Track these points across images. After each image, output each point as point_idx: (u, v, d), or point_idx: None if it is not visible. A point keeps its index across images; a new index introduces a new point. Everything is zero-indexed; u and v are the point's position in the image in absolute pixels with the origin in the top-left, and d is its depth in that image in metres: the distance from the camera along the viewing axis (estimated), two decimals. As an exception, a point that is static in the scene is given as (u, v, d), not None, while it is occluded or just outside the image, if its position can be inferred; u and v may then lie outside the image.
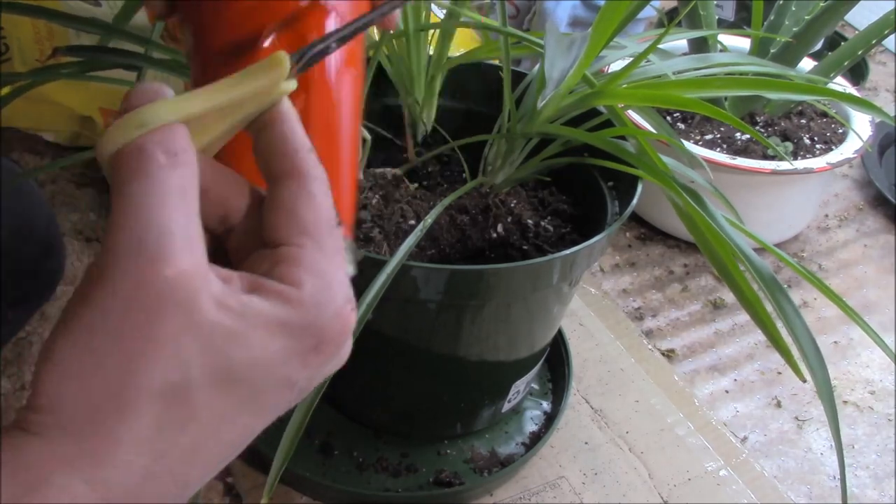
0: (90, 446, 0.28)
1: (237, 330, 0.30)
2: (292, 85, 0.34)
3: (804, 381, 0.54)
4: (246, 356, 0.30)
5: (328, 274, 0.32)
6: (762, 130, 1.01)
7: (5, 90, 0.60)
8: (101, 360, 0.28)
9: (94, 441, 0.28)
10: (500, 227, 0.65)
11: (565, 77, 0.42)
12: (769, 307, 0.54)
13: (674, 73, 0.60)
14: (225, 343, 0.29)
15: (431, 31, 0.66)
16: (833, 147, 0.98)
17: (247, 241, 0.34)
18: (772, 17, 0.99)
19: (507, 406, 0.73)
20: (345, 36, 0.36)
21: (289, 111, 0.34)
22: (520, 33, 0.63)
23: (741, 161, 0.91)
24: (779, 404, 0.84)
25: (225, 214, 0.35)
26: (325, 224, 0.33)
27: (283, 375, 0.31)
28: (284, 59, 0.33)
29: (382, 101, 0.72)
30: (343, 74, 0.41)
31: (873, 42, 0.93)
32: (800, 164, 0.93)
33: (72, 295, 0.29)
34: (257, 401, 0.31)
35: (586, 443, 0.76)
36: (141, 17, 0.88)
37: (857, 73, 1.32)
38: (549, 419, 0.76)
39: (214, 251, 0.35)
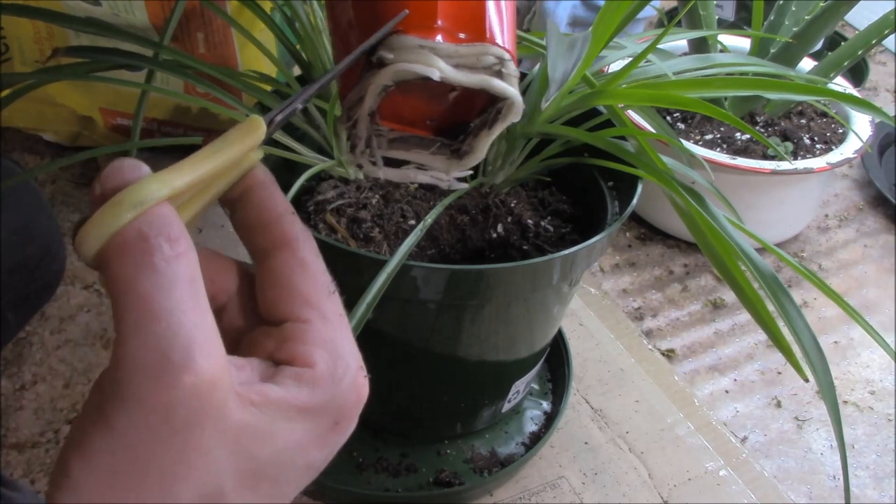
0: None
1: (261, 427, 0.29)
2: (260, 154, 0.32)
3: (806, 380, 0.54)
4: (271, 451, 0.29)
5: (337, 345, 0.31)
6: (762, 130, 1.01)
7: (5, 91, 0.60)
8: (127, 485, 0.26)
9: None
10: (500, 227, 0.65)
11: (568, 78, 0.42)
12: (770, 307, 0.54)
13: (674, 73, 0.60)
14: (252, 443, 0.28)
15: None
16: (833, 147, 0.98)
17: (242, 318, 0.33)
18: (772, 17, 0.99)
19: (507, 406, 0.73)
20: (310, 95, 0.34)
21: (263, 178, 0.33)
22: (520, 33, 0.63)
23: (741, 161, 0.91)
24: (779, 404, 0.84)
25: (213, 294, 0.33)
26: (324, 291, 0.32)
27: (305, 462, 0.31)
28: (261, 122, 0.31)
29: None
30: None
31: (873, 42, 0.93)
32: (800, 164, 0.93)
33: (82, 410, 0.28)
34: (282, 490, 0.30)
35: (586, 443, 0.76)
36: (141, 17, 0.88)
37: (857, 73, 1.32)
38: (549, 419, 0.76)
39: None
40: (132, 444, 0.26)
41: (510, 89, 0.38)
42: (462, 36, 0.38)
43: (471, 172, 0.43)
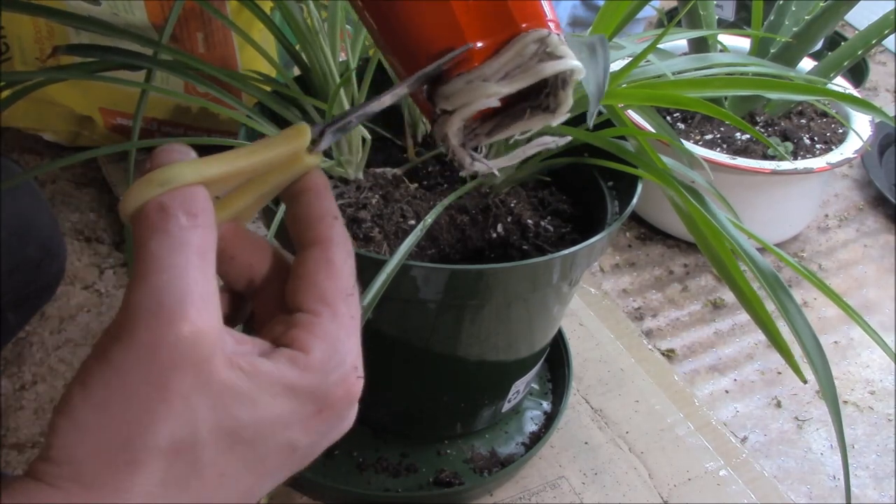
0: (100, 498, 0.29)
1: (246, 390, 0.30)
2: (315, 160, 0.35)
3: (805, 381, 0.54)
4: (252, 416, 0.31)
5: (338, 341, 0.33)
6: (762, 130, 1.01)
7: (6, 91, 0.60)
8: (115, 416, 0.29)
9: (105, 493, 0.29)
10: (500, 227, 0.65)
11: (605, 89, 0.43)
12: (770, 307, 0.54)
13: (674, 73, 0.60)
14: (233, 402, 0.30)
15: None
16: (833, 147, 0.98)
17: (271, 304, 0.36)
18: (772, 17, 0.99)
19: (507, 406, 0.73)
20: (366, 112, 0.37)
21: (317, 182, 0.35)
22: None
23: (741, 161, 0.91)
24: (779, 404, 0.84)
25: (251, 278, 0.36)
26: (343, 292, 0.34)
27: (286, 438, 0.32)
28: (306, 129, 0.34)
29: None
30: None
31: (873, 42, 0.93)
32: (800, 164, 0.93)
33: (91, 350, 0.30)
34: (260, 462, 0.32)
35: (586, 443, 0.76)
36: (141, 16, 0.88)
37: (857, 73, 1.32)
38: (549, 419, 0.76)
39: (238, 312, 0.37)
40: (123, 378, 0.29)
41: (561, 65, 0.38)
42: (499, 39, 0.38)
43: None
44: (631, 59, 0.59)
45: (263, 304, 0.36)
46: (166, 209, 0.30)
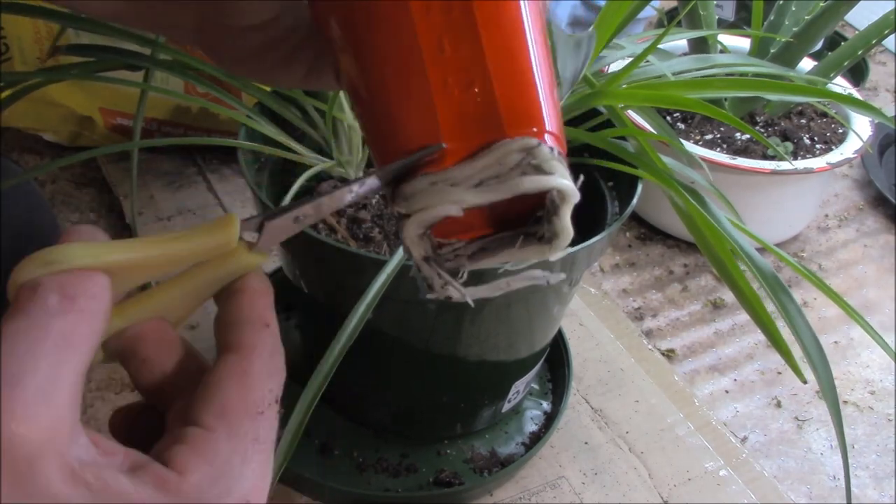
0: None
1: None
2: (257, 259, 0.31)
3: (805, 381, 0.54)
4: None
5: (228, 466, 0.28)
6: (762, 130, 1.01)
7: (6, 91, 0.60)
8: None
9: None
10: (500, 228, 0.65)
11: (579, 77, 0.42)
12: (769, 307, 0.54)
13: (674, 74, 0.60)
14: None
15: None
16: (833, 147, 0.98)
17: (179, 419, 0.30)
18: (772, 17, 0.99)
19: (507, 406, 0.73)
20: (319, 208, 0.32)
21: (252, 284, 0.31)
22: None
23: (741, 161, 0.91)
24: (779, 404, 0.84)
25: (161, 386, 0.31)
26: (251, 409, 0.29)
27: None
28: (234, 221, 0.30)
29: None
30: None
31: (873, 42, 0.93)
32: (800, 164, 0.93)
33: None
34: None
35: (586, 443, 0.76)
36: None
37: (857, 73, 1.32)
38: (549, 419, 0.76)
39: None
40: None
41: (544, 182, 0.32)
42: (481, 142, 0.32)
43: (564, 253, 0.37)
44: (631, 59, 0.59)
45: (173, 418, 0.31)
46: (35, 291, 0.27)
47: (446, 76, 0.31)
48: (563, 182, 0.33)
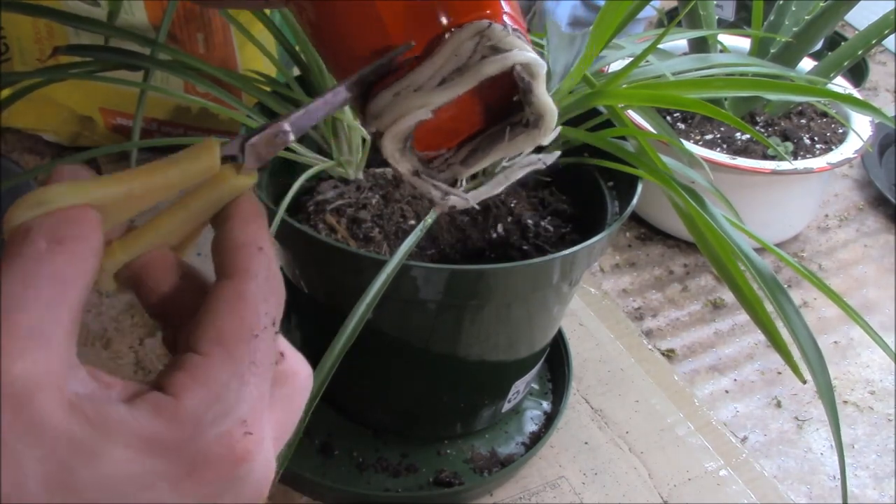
0: None
1: (86, 441, 0.25)
2: (246, 181, 0.31)
3: (804, 381, 0.54)
4: (94, 474, 0.26)
5: (225, 389, 0.28)
6: (762, 130, 1.01)
7: (6, 91, 0.60)
8: None
9: None
10: (500, 227, 0.65)
11: (569, 70, 0.42)
12: (769, 307, 0.54)
13: (674, 74, 0.60)
14: (70, 455, 0.25)
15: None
16: (833, 147, 0.98)
17: (181, 342, 0.31)
18: (772, 17, 0.99)
19: (507, 406, 0.73)
20: (296, 124, 0.32)
21: (243, 207, 0.32)
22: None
23: (741, 161, 0.91)
24: (779, 404, 0.84)
25: (168, 312, 0.32)
26: (247, 332, 0.29)
27: (147, 501, 0.27)
28: (214, 144, 0.30)
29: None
30: None
31: (873, 42, 0.93)
32: (800, 164, 0.93)
33: None
34: None
35: (586, 443, 0.76)
36: (141, 17, 0.88)
37: (857, 73, 1.32)
38: (549, 419, 0.76)
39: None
40: None
41: (507, 58, 0.31)
42: (432, 33, 0.31)
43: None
44: (631, 59, 0.59)
45: (180, 344, 0.31)
46: (26, 234, 0.27)
47: None
48: (524, 55, 0.31)
